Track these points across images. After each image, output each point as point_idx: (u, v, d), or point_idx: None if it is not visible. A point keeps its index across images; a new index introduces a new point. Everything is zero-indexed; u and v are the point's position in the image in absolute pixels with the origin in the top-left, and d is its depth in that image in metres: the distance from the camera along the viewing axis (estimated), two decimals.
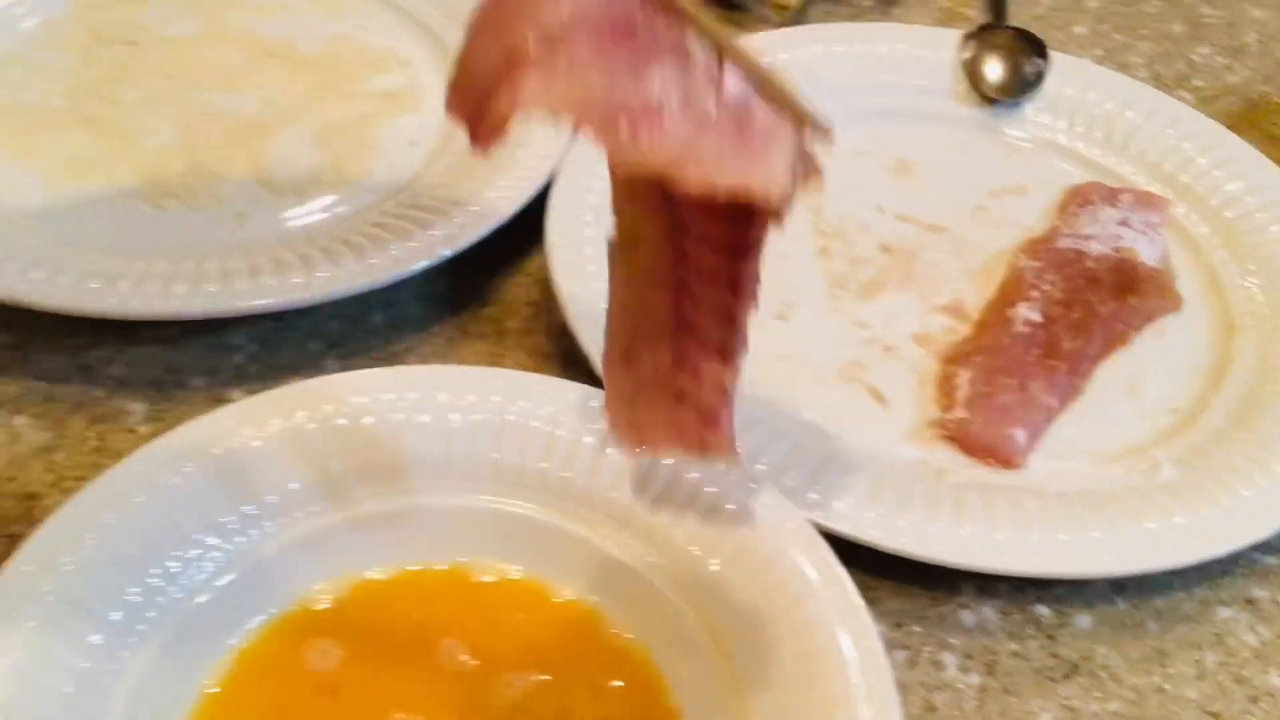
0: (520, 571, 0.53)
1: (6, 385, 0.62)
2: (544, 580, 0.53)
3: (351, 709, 0.49)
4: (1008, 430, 0.60)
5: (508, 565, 0.53)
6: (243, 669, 0.49)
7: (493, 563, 0.53)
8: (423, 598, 0.52)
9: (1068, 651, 0.56)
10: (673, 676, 0.50)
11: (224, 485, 0.52)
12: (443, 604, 0.52)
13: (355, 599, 0.52)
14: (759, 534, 0.51)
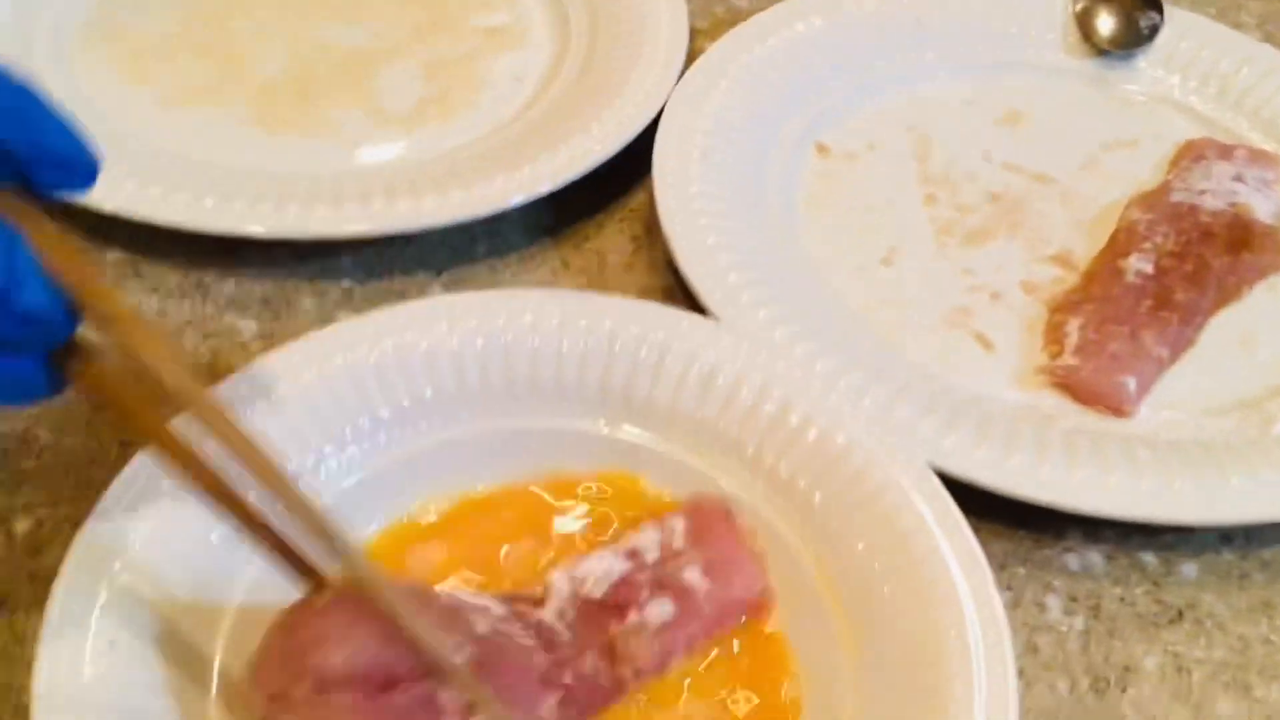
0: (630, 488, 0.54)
1: (124, 297, 0.63)
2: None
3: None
4: (1119, 378, 0.59)
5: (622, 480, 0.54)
6: None
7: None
8: (525, 510, 0.53)
9: (1173, 598, 0.55)
10: (782, 622, 0.51)
11: (338, 398, 0.52)
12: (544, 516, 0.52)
13: (461, 513, 0.53)
14: (867, 466, 0.51)
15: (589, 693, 0.47)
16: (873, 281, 0.66)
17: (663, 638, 0.48)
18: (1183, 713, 0.52)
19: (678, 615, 0.49)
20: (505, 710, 0.42)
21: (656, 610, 0.49)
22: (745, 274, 0.62)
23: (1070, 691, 0.52)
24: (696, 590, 0.49)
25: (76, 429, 0.57)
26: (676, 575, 0.50)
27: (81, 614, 0.44)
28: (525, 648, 0.46)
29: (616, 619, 0.48)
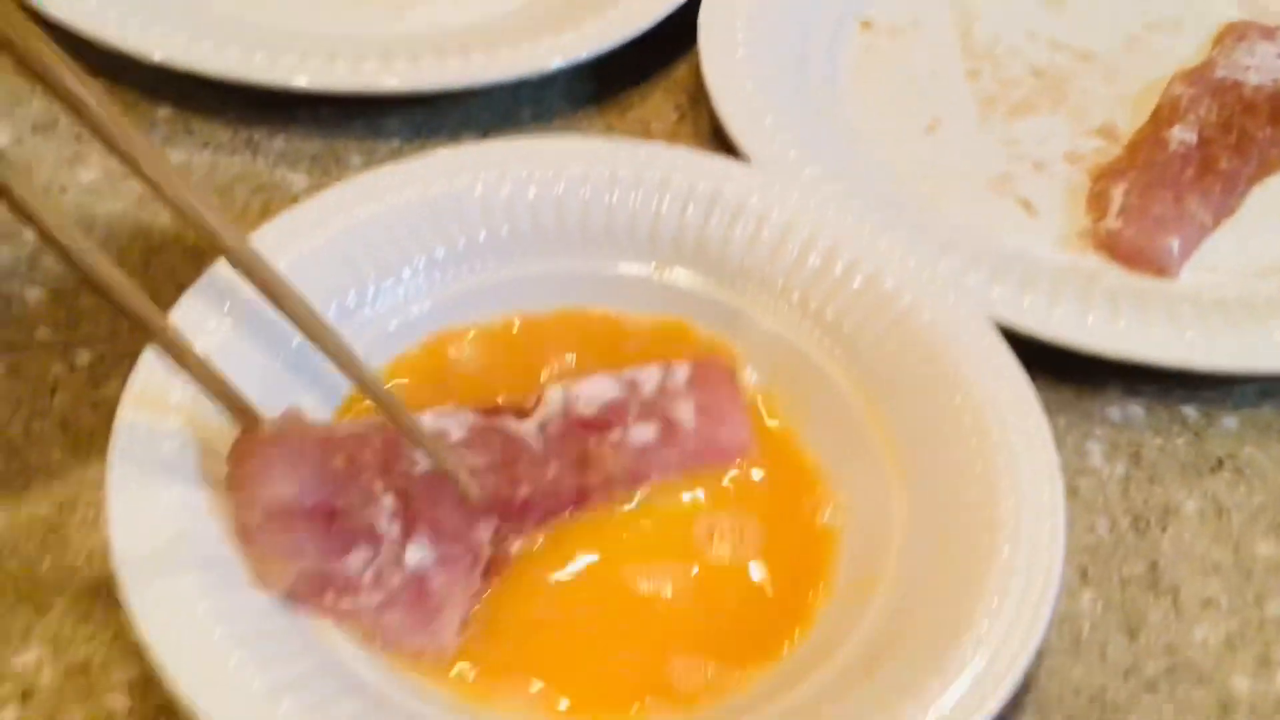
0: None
1: (173, 152, 0.64)
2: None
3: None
4: (1163, 239, 0.60)
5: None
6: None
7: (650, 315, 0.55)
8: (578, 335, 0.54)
9: (1214, 448, 0.56)
10: (821, 452, 0.51)
11: (393, 236, 0.53)
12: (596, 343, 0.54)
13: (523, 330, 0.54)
14: (914, 307, 0.52)
15: (551, 501, 0.48)
16: (916, 149, 0.66)
17: (636, 456, 0.49)
18: (1222, 553, 0.52)
19: (658, 441, 0.49)
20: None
21: (638, 432, 0.50)
22: (790, 134, 0.62)
23: (1110, 531, 0.53)
24: (683, 425, 0.50)
25: (134, 270, 0.58)
26: (667, 407, 0.50)
27: (144, 444, 0.45)
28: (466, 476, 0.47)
29: (597, 435, 0.49)
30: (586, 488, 0.48)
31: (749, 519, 0.49)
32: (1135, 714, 0.48)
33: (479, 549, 0.46)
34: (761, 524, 0.49)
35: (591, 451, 0.49)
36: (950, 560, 0.45)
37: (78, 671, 0.45)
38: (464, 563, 0.45)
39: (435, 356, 0.53)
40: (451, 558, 0.45)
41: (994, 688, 0.41)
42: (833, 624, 0.46)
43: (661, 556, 0.48)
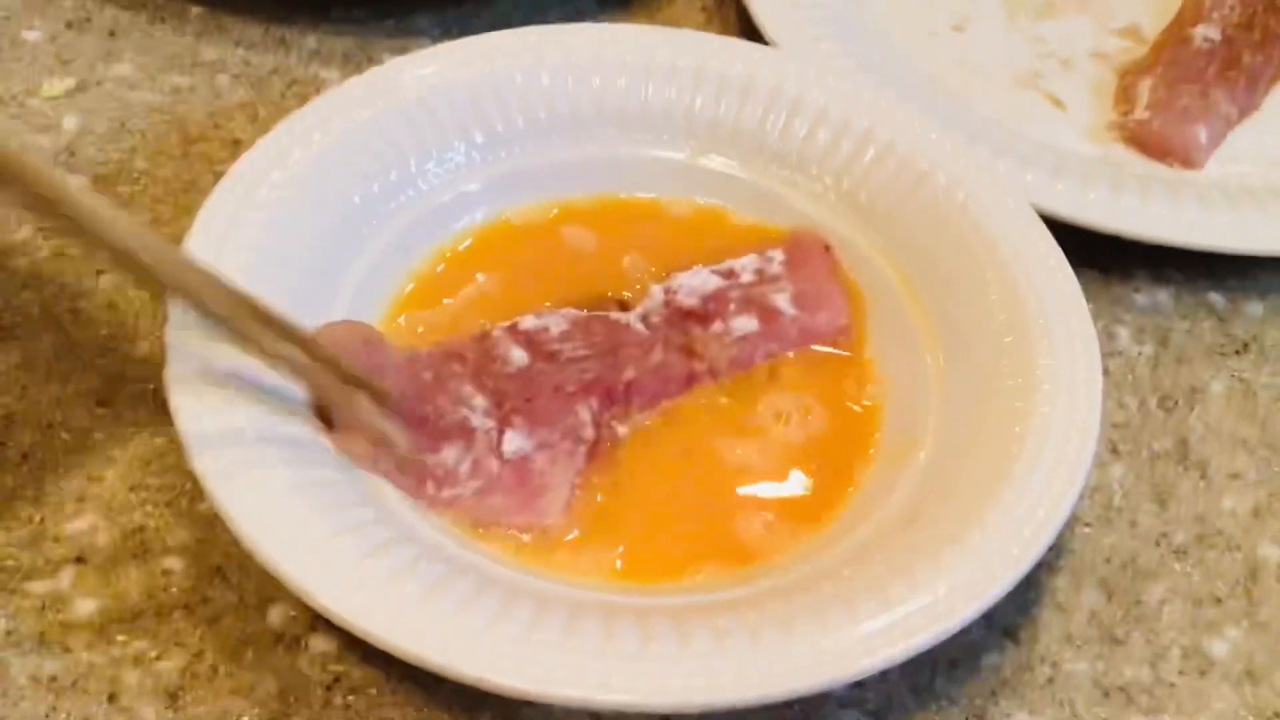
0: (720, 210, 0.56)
1: (206, 49, 0.64)
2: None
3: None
4: (1190, 128, 0.61)
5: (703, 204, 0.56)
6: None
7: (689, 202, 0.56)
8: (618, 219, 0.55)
9: (1239, 331, 0.57)
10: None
11: (435, 118, 0.53)
12: (638, 225, 0.54)
13: (562, 218, 0.55)
14: (950, 187, 0.52)
15: (658, 383, 0.49)
16: (944, 46, 0.67)
17: (741, 346, 0.50)
18: (1249, 429, 0.54)
19: (759, 331, 0.51)
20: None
21: (740, 323, 0.51)
22: (820, 29, 0.63)
23: (1139, 409, 0.54)
24: (782, 314, 0.51)
25: (172, 159, 0.59)
26: (766, 297, 0.51)
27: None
28: (571, 363, 0.49)
29: (700, 325, 0.50)
30: (693, 374, 0.50)
31: (805, 397, 0.50)
32: (1165, 579, 0.49)
33: (581, 432, 0.47)
34: (815, 401, 0.50)
35: (696, 341, 0.50)
36: (988, 424, 0.46)
37: (132, 535, 0.46)
38: (564, 446, 0.47)
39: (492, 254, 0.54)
40: (551, 443, 0.46)
41: (1034, 538, 0.42)
42: (876, 488, 0.47)
43: (730, 433, 0.49)
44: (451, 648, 0.38)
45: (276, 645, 0.44)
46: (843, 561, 0.43)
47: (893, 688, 0.45)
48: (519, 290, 0.52)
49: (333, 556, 0.39)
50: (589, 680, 0.38)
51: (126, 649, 0.44)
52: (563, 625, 0.39)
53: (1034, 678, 0.45)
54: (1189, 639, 0.47)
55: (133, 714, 0.42)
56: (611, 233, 0.54)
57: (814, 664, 0.38)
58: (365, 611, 0.38)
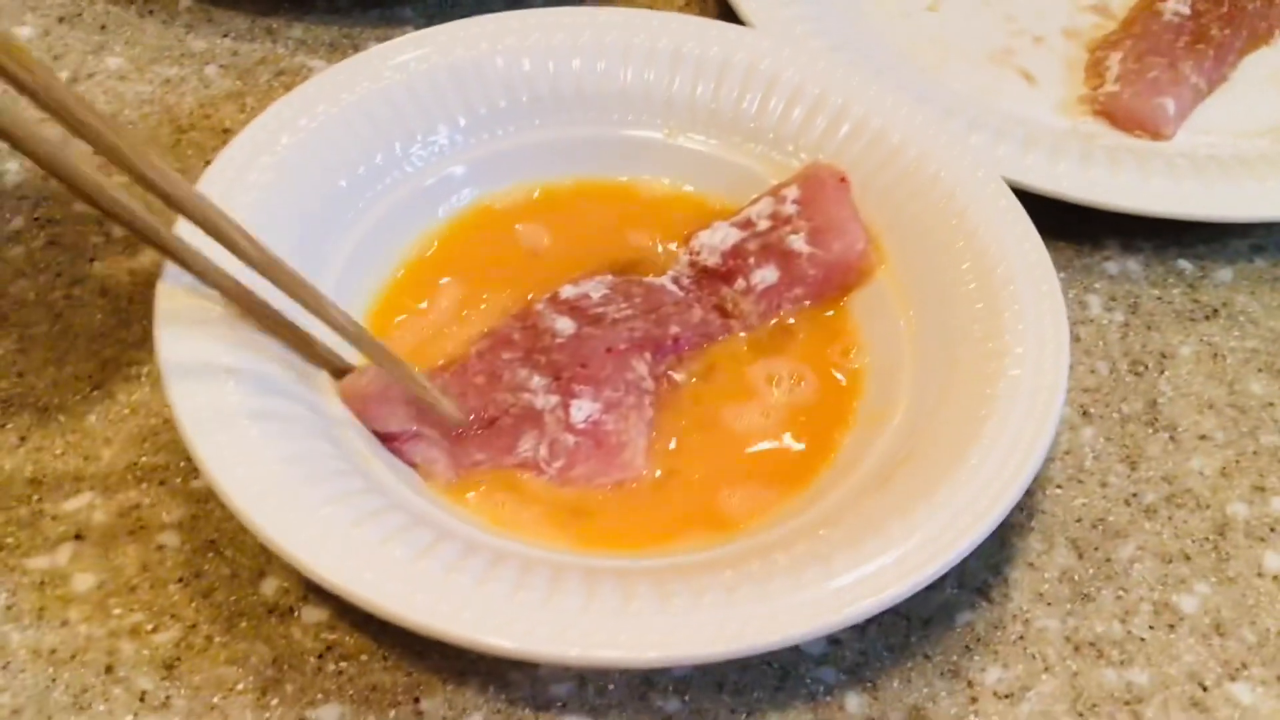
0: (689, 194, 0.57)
1: (195, 41, 0.65)
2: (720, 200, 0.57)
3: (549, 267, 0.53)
4: (1158, 99, 0.62)
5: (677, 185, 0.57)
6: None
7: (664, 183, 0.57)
8: (602, 201, 0.56)
9: (1208, 298, 0.58)
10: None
11: (419, 102, 0.54)
12: (620, 206, 0.56)
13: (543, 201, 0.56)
14: (922, 158, 0.54)
15: (699, 336, 0.52)
16: (918, 25, 0.68)
17: (768, 298, 0.53)
18: (1217, 391, 0.55)
19: (781, 278, 0.53)
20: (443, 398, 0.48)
21: (761, 275, 0.52)
22: (796, 9, 0.64)
23: (1110, 373, 0.55)
24: (800, 254, 0.53)
25: (163, 149, 0.60)
26: (783, 241, 0.53)
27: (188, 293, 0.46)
28: (617, 323, 0.50)
29: (725, 283, 0.53)
30: (729, 327, 0.52)
31: (794, 362, 0.52)
32: (1135, 538, 0.50)
33: (642, 384, 0.49)
34: (803, 365, 0.52)
35: (726, 300, 0.52)
36: (958, 387, 0.47)
37: (128, 513, 0.48)
38: (630, 401, 0.48)
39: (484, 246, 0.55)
40: (615, 401, 0.48)
41: (1001, 493, 0.43)
42: (854, 451, 0.48)
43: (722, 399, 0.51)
44: (438, 608, 0.39)
45: (269, 616, 0.45)
46: (818, 522, 0.44)
47: (869, 645, 0.46)
48: (509, 281, 0.54)
49: (322, 524, 0.40)
50: (570, 638, 0.39)
51: (123, 622, 0.45)
52: (546, 585, 0.40)
53: (1006, 634, 0.47)
54: (1158, 595, 0.48)
55: (129, 684, 0.43)
56: (583, 217, 0.56)
57: (788, 619, 0.40)
58: (353, 575, 0.39)
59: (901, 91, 0.57)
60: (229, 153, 0.50)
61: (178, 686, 0.43)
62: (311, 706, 0.43)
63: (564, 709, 0.44)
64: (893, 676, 0.45)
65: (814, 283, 0.53)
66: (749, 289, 0.52)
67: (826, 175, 0.54)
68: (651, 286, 0.52)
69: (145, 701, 0.43)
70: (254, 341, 0.46)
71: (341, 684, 0.44)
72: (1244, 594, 0.49)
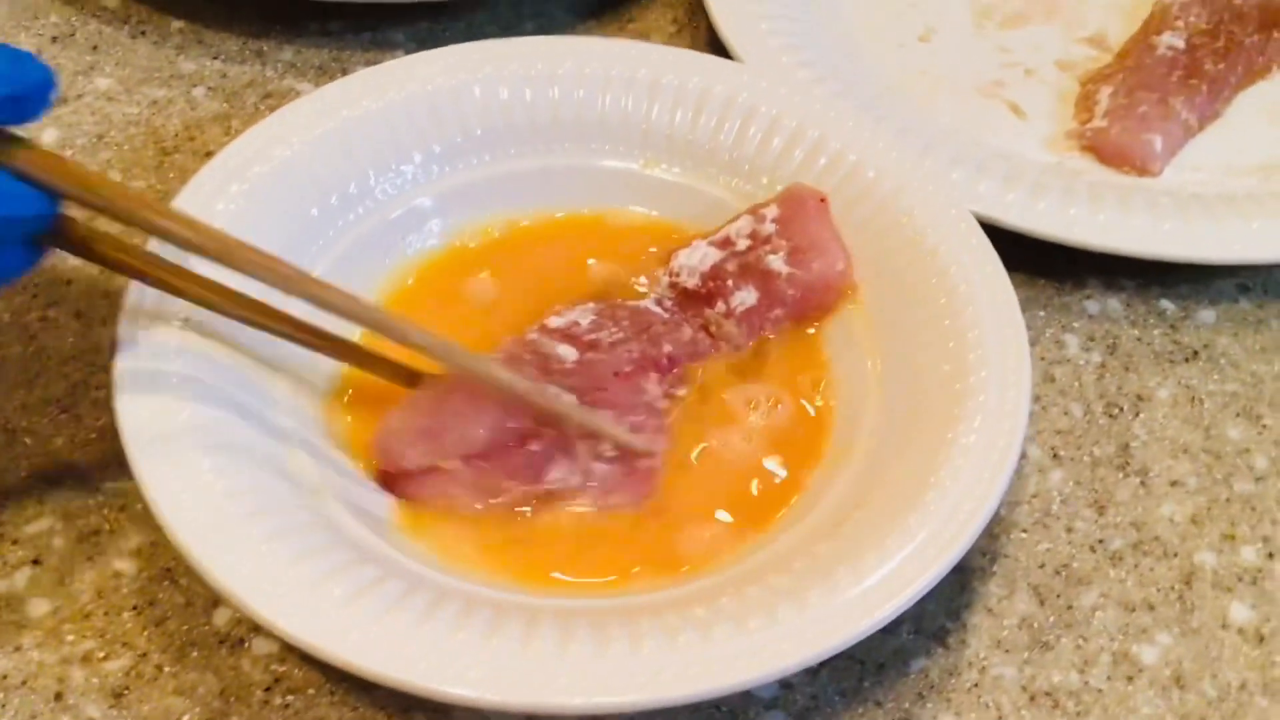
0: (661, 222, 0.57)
1: (184, 62, 0.66)
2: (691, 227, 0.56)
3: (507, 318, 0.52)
4: (1145, 135, 0.61)
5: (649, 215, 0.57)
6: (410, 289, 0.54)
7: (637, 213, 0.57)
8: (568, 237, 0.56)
9: (1189, 339, 0.57)
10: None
11: (393, 130, 0.55)
12: (588, 240, 0.56)
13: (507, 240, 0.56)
14: (896, 193, 0.53)
15: (691, 355, 0.52)
16: (909, 56, 0.68)
17: (749, 319, 0.52)
18: (1193, 436, 0.54)
19: (760, 299, 0.52)
20: (618, 426, 0.48)
21: (740, 297, 0.52)
22: (784, 40, 0.64)
23: (1084, 415, 0.54)
24: (779, 274, 0.52)
25: (146, 170, 0.60)
26: (761, 261, 0.53)
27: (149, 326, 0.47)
28: (615, 346, 0.50)
29: (708, 305, 0.52)
30: (716, 346, 0.52)
31: (771, 386, 0.52)
32: (1098, 585, 0.49)
33: (656, 405, 0.49)
34: (781, 389, 0.52)
35: (709, 322, 0.52)
36: (919, 429, 0.47)
37: (88, 538, 0.48)
38: (651, 424, 0.49)
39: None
40: (639, 425, 0.48)
41: (949, 543, 0.42)
42: (813, 491, 0.48)
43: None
44: (369, 649, 0.39)
45: (220, 646, 0.46)
46: (768, 566, 0.44)
47: (820, 689, 0.46)
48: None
49: (262, 560, 0.41)
50: (503, 682, 0.39)
51: (75, 648, 0.45)
52: (485, 628, 0.40)
53: (961, 682, 0.46)
54: (1119, 645, 0.48)
55: (77, 712, 0.44)
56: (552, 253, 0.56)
57: (726, 666, 0.39)
58: (287, 613, 0.39)
59: (882, 125, 0.57)
60: (198, 180, 0.51)
61: (125, 716, 0.44)
62: None
63: None
64: None
65: (793, 303, 0.52)
66: (729, 312, 0.52)
67: (807, 195, 0.54)
68: (636, 309, 0.52)
69: None
70: (213, 366, 0.46)
71: (287, 717, 0.44)
72: (1207, 645, 0.48)
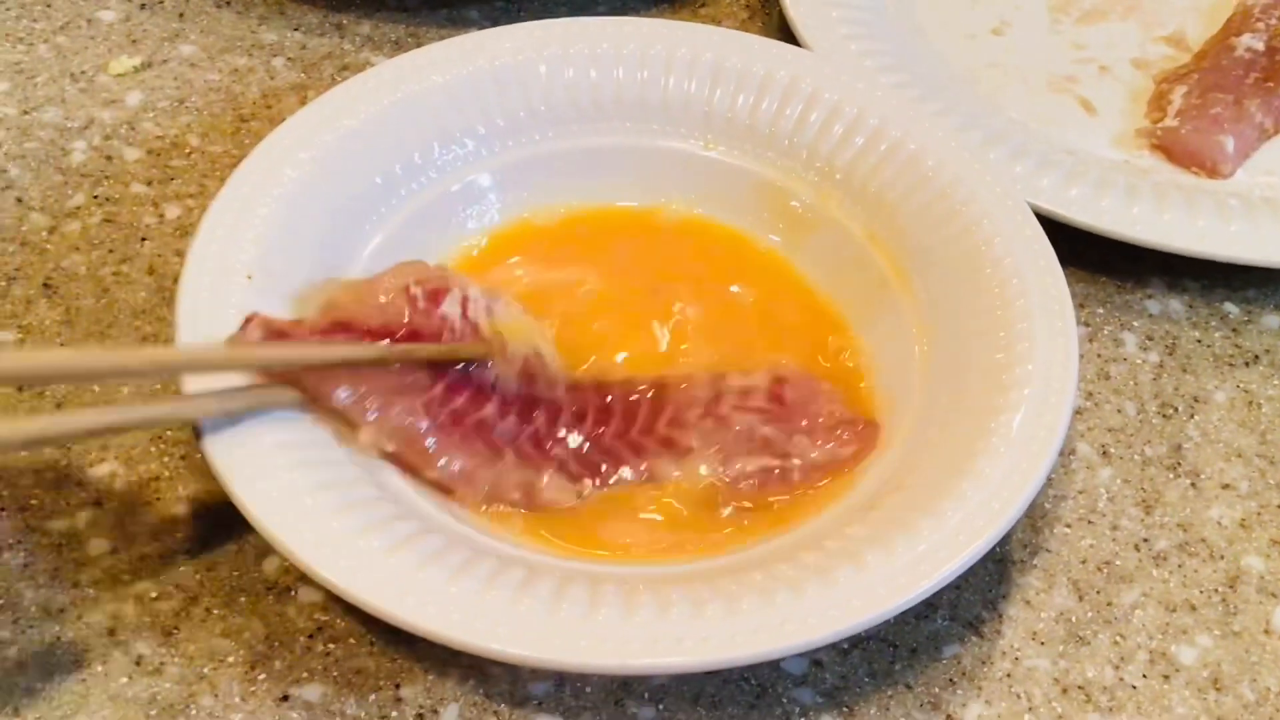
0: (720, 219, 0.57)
1: (266, 33, 0.68)
2: (744, 230, 0.57)
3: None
4: (1217, 136, 0.60)
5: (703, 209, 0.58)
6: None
7: (691, 207, 0.57)
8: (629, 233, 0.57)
9: (1251, 344, 0.57)
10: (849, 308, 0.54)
11: (458, 104, 0.56)
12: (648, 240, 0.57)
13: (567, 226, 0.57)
14: (953, 184, 0.53)
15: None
16: (981, 48, 0.67)
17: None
18: (1248, 440, 0.53)
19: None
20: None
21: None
22: (854, 29, 0.64)
23: (1138, 414, 0.54)
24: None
25: (223, 136, 0.62)
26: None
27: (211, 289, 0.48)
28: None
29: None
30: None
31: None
32: (1140, 583, 0.49)
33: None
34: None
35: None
36: (961, 417, 0.47)
37: (148, 484, 0.50)
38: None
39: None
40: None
41: (982, 530, 0.42)
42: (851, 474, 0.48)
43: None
44: (407, 600, 0.40)
45: (268, 593, 0.47)
46: (799, 544, 0.44)
47: (850, 669, 0.46)
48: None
49: (308, 511, 0.42)
50: (532, 640, 0.40)
51: (130, 588, 0.47)
52: (516, 586, 0.41)
53: (993, 670, 0.46)
54: (1157, 644, 0.47)
55: (128, 648, 0.45)
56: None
57: (750, 637, 0.40)
58: (330, 562, 0.40)
59: (945, 115, 0.57)
60: (268, 144, 0.52)
61: (173, 654, 0.45)
62: (296, 684, 0.45)
63: (539, 708, 0.45)
64: (871, 703, 0.45)
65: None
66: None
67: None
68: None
69: (141, 665, 0.45)
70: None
71: (327, 665, 0.45)
72: (1248, 650, 0.47)
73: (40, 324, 0.54)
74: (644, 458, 0.49)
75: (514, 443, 0.48)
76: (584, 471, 0.48)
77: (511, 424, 0.48)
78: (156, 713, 0.44)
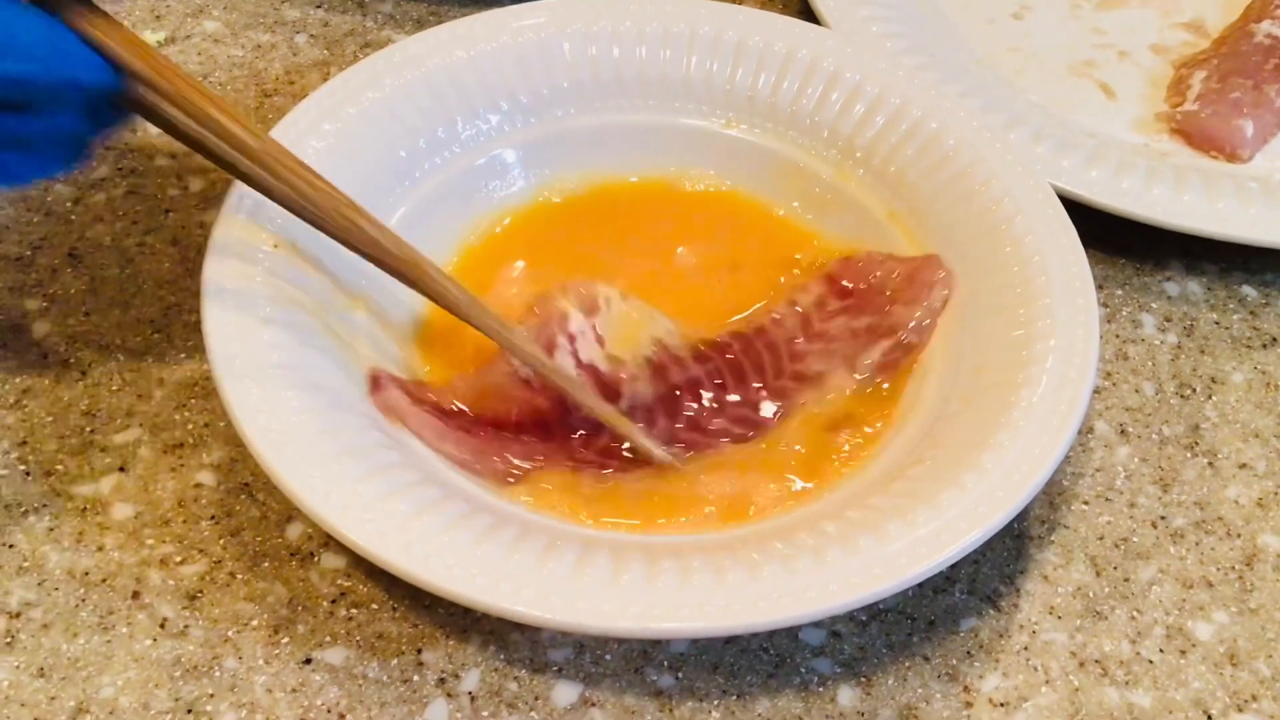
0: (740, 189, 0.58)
1: (289, 10, 0.68)
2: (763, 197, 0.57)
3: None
4: (1236, 120, 0.60)
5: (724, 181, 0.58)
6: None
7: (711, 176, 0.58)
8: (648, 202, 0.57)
9: (1269, 327, 0.57)
10: None
11: (482, 78, 0.56)
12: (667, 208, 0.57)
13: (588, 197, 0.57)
14: (973, 164, 0.53)
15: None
16: (1001, 32, 0.68)
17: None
18: (1265, 421, 0.53)
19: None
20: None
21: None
22: (876, 9, 0.64)
23: (1156, 393, 0.54)
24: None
25: (246, 111, 0.62)
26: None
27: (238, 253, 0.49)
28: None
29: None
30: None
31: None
32: (1157, 560, 0.49)
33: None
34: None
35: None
36: (981, 393, 0.47)
37: (172, 450, 0.50)
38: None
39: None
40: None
41: (1001, 503, 0.43)
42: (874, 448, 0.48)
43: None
44: (431, 563, 0.40)
45: (291, 559, 0.47)
46: (821, 514, 0.44)
47: (869, 641, 0.46)
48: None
49: (335, 476, 0.42)
50: (555, 603, 0.40)
51: (154, 552, 0.47)
52: (540, 551, 0.41)
53: (1010, 643, 0.46)
54: (1174, 619, 0.48)
55: (152, 611, 0.46)
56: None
57: (770, 604, 0.40)
58: (354, 524, 0.41)
59: (966, 97, 0.57)
60: (293, 116, 0.52)
61: (197, 617, 0.46)
62: (319, 648, 0.45)
63: (559, 674, 0.45)
64: (888, 674, 0.45)
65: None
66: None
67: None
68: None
69: (165, 628, 0.45)
70: (300, 290, 0.48)
71: (350, 629, 0.46)
72: (1264, 626, 0.48)
73: (65, 293, 0.54)
74: (788, 398, 0.50)
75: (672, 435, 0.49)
76: (747, 431, 0.49)
77: (664, 425, 0.49)
78: (181, 674, 0.44)
